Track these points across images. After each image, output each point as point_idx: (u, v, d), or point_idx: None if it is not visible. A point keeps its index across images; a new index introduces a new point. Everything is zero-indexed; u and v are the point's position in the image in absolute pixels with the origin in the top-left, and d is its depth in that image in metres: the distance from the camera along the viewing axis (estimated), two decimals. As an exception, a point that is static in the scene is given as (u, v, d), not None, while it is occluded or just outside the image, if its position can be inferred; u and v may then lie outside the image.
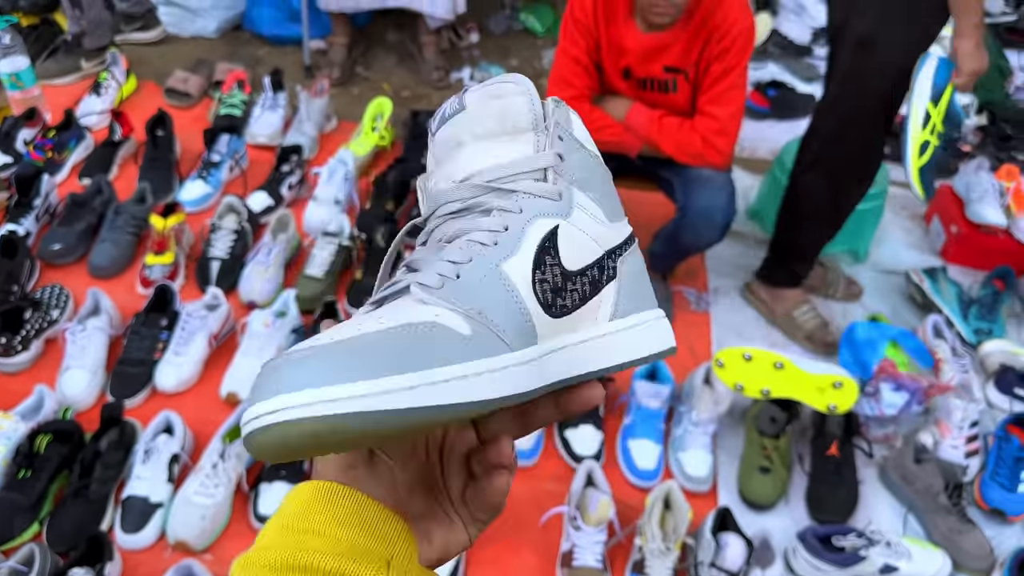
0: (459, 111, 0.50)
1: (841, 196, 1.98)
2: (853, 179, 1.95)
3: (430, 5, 2.86)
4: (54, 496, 1.62)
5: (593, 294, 0.50)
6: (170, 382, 1.81)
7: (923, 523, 1.72)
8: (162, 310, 1.91)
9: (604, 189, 0.53)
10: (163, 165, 2.37)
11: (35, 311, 1.89)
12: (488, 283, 0.46)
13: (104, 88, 2.67)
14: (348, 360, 0.38)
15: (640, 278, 0.53)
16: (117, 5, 2.98)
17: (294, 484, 1.59)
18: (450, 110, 0.51)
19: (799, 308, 2.14)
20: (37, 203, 2.18)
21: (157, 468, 1.61)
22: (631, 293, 0.52)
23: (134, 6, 3.05)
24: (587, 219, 0.50)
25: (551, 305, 0.47)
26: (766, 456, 1.77)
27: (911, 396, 1.84)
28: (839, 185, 1.95)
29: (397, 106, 2.77)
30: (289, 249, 2.13)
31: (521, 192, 0.48)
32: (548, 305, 0.47)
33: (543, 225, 0.48)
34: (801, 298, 2.16)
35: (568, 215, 0.49)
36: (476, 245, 0.47)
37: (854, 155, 1.90)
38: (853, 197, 1.98)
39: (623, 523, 1.65)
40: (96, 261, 2.08)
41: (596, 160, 0.53)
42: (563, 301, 0.48)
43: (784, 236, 2.11)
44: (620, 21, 1.86)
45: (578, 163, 0.51)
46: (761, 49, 3.34)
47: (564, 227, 0.49)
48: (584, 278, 0.49)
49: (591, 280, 0.50)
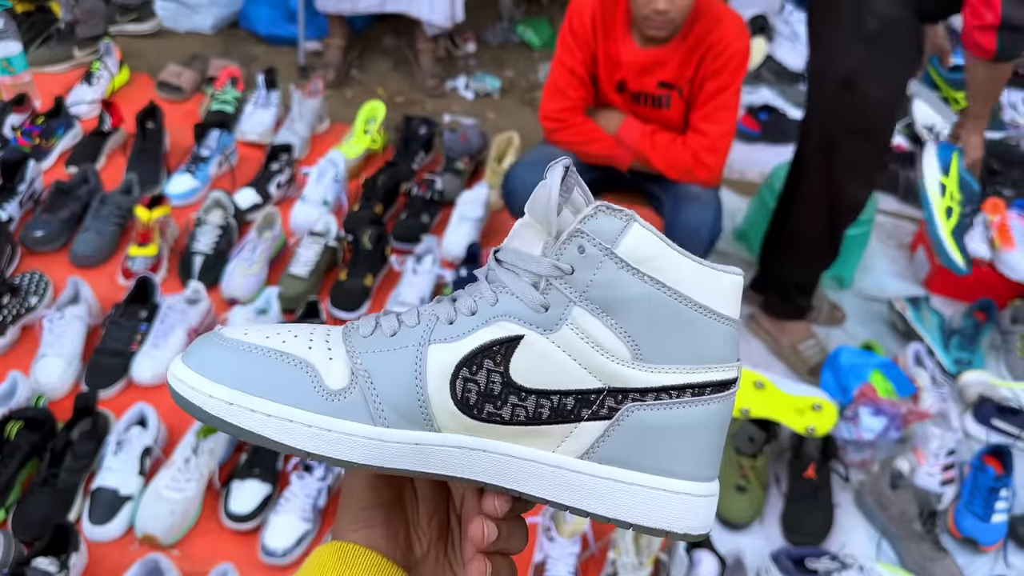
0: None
1: (837, 226, 1.98)
2: (846, 208, 1.96)
3: (429, 12, 2.87)
4: (22, 484, 1.59)
5: (553, 421, 0.45)
6: (146, 374, 1.79)
7: (896, 549, 1.72)
8: (142, 302, 1.89)
9: (651, 322, 0.45)
10: (151, 157, 2.35)
11: (13, 297, 1.87)
12: (402, 354, 0.46)
13: (96, 78, 2.65)
14: (230, 360, 0.46)
15: (679, 430, 0.46)
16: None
17: (266, 483, 1.59)
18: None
19: (805, 342, 2.14)
20: (22, 189, 2.15)
21: (128, 460, 1.59)
22: (637, 448, 0.45)
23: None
24: (580, 344, 0.45)
25: (471, 406, 0.45)
26: (743, 475, 1.77)
27: (889, 421, 1.84)
28: (833, 216, 1.95)
29: (390, 111, 2.77)
30: (274, 247, 2.12)
31: (507, 287, 0.46)
32: (467, 405, 0.45)
33: (505, 328, 0.45)
34: (806, 332, 2.16)
35: (549, 330, 0.45)
36: (432, 317, 0.47)
37: (847, 188, 1.91)
38: (847, 224, 1.99)
39: (597, 536, 1.64)
40: (78, 250, 2.06)
41: (656, 293, 0.45)
42: (495, 410, 0.45)
43: (782, 271, 2.12)
44: (617, 35, 1.87)
45: (609, 283, 0.44)
46: (755, 74, 3.37)
47: (532, 340, 0.45)
48: (543, 399, 0.45)
49: (553, 406, 0.45)
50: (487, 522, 0.46)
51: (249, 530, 1.58)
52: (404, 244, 2.22)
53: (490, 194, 2.37)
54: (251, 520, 1.57)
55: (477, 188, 2.36)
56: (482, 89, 3.12)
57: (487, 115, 3.01)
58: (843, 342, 2.19)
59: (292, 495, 1.58)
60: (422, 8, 2.87)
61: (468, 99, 3.10)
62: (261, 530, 1.57)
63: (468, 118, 2.97)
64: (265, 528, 1.56)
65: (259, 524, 1.58)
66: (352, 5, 2.88)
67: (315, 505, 1.58)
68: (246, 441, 0.46)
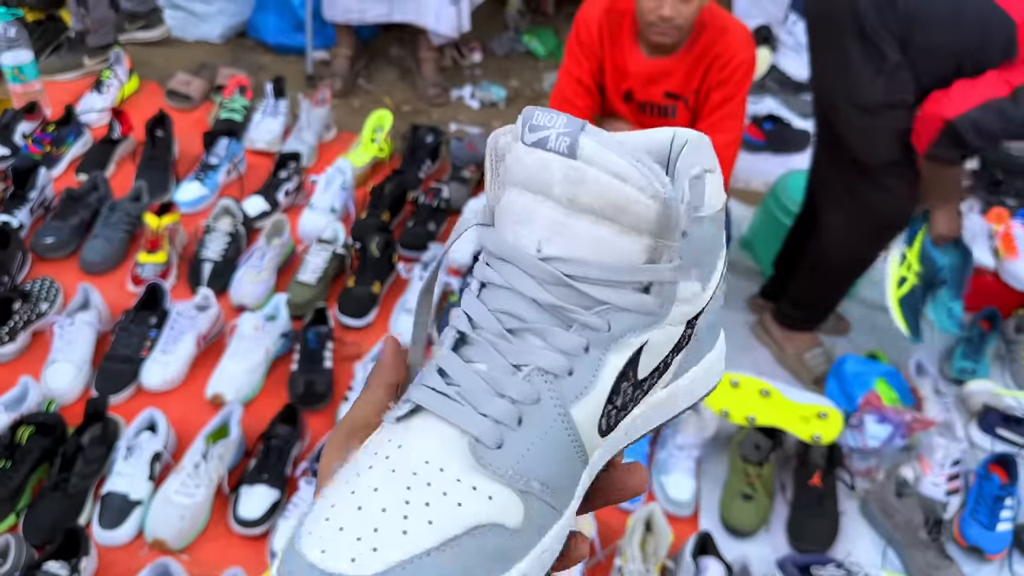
0: (566, 156, 0.38)
1: (870, 247, 1.96)
2: (884, 228, 1.92)
3: (435, 22, 2.89)
4: (33, 488, 1.60)
5: (655, 382, 0.43)
6: (156, 380, 1.80)
7: (902, 557, 1.73)
8: (152, 308, 1.91)
9: (712, 249, 0.43)
10: (160, 165, 2.37)
11: (24, 303, 1.88)
12: (551, 438, 0.39)
13: (106, 86, 2.68)
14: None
15: (713, 322, 0.45)
16: (122, 4, 2.99)
17: (275, 489, 1.60)
18: (556, 144, 0.38)
19: (811, 351, 2.14)
20: (32, 196, 2.17)
21: (138, 465, 1.60)
22: (696, 346, 0.44)
23: (139, 5, 3.07)
24: (681, 309, 0.42)
25: (611, 428, 0.42)
26: (749, 483, 1.77)
27: (894, 429, 1.85)
28: (867, 237, 1.93)
29: (397, 120, 2.79)
30: (282, 254, 2.13)
31: (613, 305, 0.39)
32: (607, 429, 0.41)
33: (629, 345, 0.40)
34: (813, 341, 2.16)
35: (662, 320, 0.41)
36: (545, 377, 0.39)
37: (881, 206, 1.86)
38: (882, 245, 1.96)
39: (604, 543, 1.64)
40: (88, 257, 2.08)
41: (716, 224, 0.43)
42: (627, 411, 0.42)
43: (806, 290, 2.08)
44: (624, 45, 1.89)
45: (699, 242, 0.41)
46: (759, 84, 3.39)
47: (655, 338, 0.41)
48: (655, 373, 0.43)
49: (660, 370, 0.43)
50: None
51: (258, 535, 1.59)
52: (411, 252, 2.23)
53: (496, 202, 2.38)
54: (260, 525, 1.58)
55: (483, 196, 2.37)
56: (488, 98, 3.14)
57: (493, 124, 3.03)
58: (848, 351, 2.19)
59: (301, 500, 1.59)
60: (428, 18, 2.89)
61: (474, 108, 3.11)
62: (270, 535, 1.58)
63: (474, 127, 2.99)
64: (274, 533, 1.57)
65: (268, 529, 1.59)
66: (360, 15, 2.90)
67: (323, 511, 1.59)
68: None
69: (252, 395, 1.84)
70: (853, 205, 1.88)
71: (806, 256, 2.06)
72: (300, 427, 1.72)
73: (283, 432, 1.69)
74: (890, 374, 2.04)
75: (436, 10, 2.87)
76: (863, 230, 1.92)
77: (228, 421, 1.72)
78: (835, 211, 1.93)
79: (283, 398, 1.83)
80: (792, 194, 2.35)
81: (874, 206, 1.86)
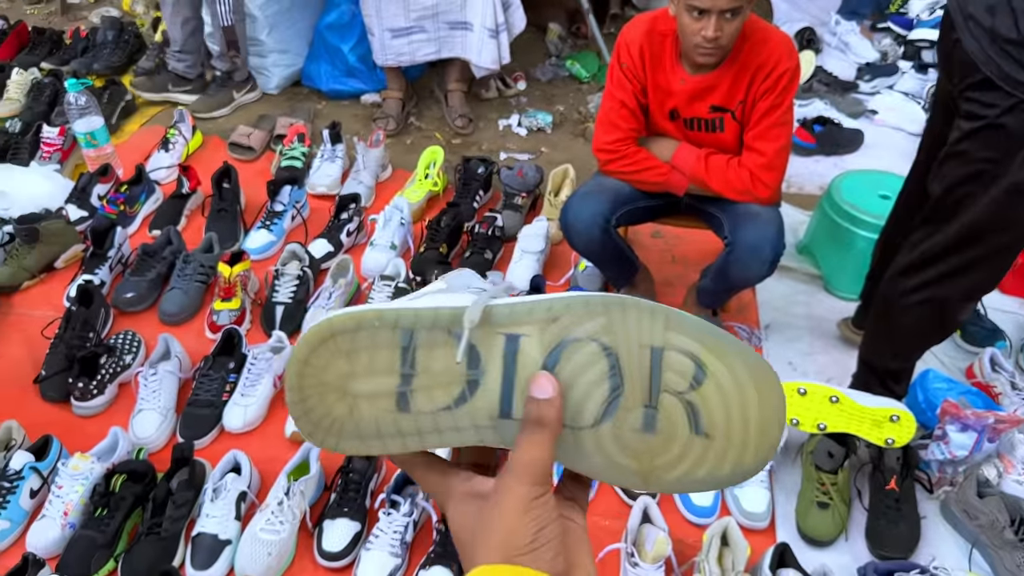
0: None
1: (957, 316, 1.80)
2: (970, 303, 1.80)
3: (477, 56, 2.96)
4: (128, 534, 1.68)
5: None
6: (237, 422, 1.88)
7: (988, 559, 1.69)
8: (229, 353, 1.99)
9: None
10: (229, 216, 2.48)
11: (110, 357, 1.99)
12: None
13: (172, 144, 2.81)
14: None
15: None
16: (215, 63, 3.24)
17: (355, 521, 1.65)
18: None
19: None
20: (111, 254, 2.29)
21: (225, 506, 1.67)
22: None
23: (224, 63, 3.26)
24: None
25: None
26: (824, 491, 1.76)
27: (980, 434, 1.79)
28: (956, 307, 1.78)
29: (448, 153, 2.86)
30: (348, 292, 2.21)
31: None
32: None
33: None
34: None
35: None
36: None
37: (979, 285, 1.74)
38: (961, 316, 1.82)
39: (680, 560, 1.65)
40: (166, 308, 2.18)
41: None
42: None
43: (880, 359, 1.92)
44: (666, 65, 1.91)
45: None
46: (806, 86, 3.37)
47: None
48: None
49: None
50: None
51: (342, 567, 1.64)
52: (471, 282, 2.28)
53: (550, 227, 2.42)
54: (344, 558, 1.63)
55: (537, 222, 2.42)
56: (534, 125, 3.19)
57: (541, 150, 3.08)
58: (930, 364, 2.10)
59: (380, 531, 1.64)
60: (471, 53, 2.97)
61: (522, 136, 3.17)
62: (354, 567, 1.63)
63: (523, 154, 3.04)
64: (357, 565, 1.62)
65: (352, 561, 1.64)
66: (411, 56, 3.00)
67: (403, 540, 1.63)
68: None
69: (328, 431, 1.90)
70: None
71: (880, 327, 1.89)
72: (376, 459, 1.77)
73: (359, 466, 1.74)
74: (971, 393, 1.96)
75: (478, 45, 2.94)
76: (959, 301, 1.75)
77: (308, 457, 1.78)
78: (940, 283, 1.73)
79: (357, 433, 1.88)
80: (847, 196, 2.34)
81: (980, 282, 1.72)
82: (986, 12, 1.46)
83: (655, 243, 2.56)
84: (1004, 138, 1.50)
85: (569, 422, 0.47)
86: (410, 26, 2.92)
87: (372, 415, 0.48)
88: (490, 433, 0.48)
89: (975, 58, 1.48)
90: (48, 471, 1.74)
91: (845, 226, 2.31)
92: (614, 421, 0.47)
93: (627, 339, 0.46)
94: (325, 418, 0.48)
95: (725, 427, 0.46)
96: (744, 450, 0.46)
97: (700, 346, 0.46)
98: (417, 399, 0.47)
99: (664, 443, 0.47)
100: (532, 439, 0.46)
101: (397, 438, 0.48)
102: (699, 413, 0.46)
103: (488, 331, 0.47)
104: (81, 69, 3.27)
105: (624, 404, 0.46)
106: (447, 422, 0.48)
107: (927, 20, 3.70)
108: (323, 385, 0.48)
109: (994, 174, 1.53)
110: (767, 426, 0.46)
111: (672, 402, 0.46)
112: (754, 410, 0.46)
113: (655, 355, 0.46)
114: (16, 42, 3.50)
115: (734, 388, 0.46)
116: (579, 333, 0.46)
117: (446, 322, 0.46)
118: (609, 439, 0.47)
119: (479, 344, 0.47)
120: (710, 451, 0.46)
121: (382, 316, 0.47)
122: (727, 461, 0.47)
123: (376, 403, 0.48)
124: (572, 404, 0.47)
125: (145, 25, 3.80)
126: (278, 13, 3.20)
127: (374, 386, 0.48)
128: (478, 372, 0.47)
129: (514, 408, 0.47)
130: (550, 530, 0.45)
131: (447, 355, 0.47)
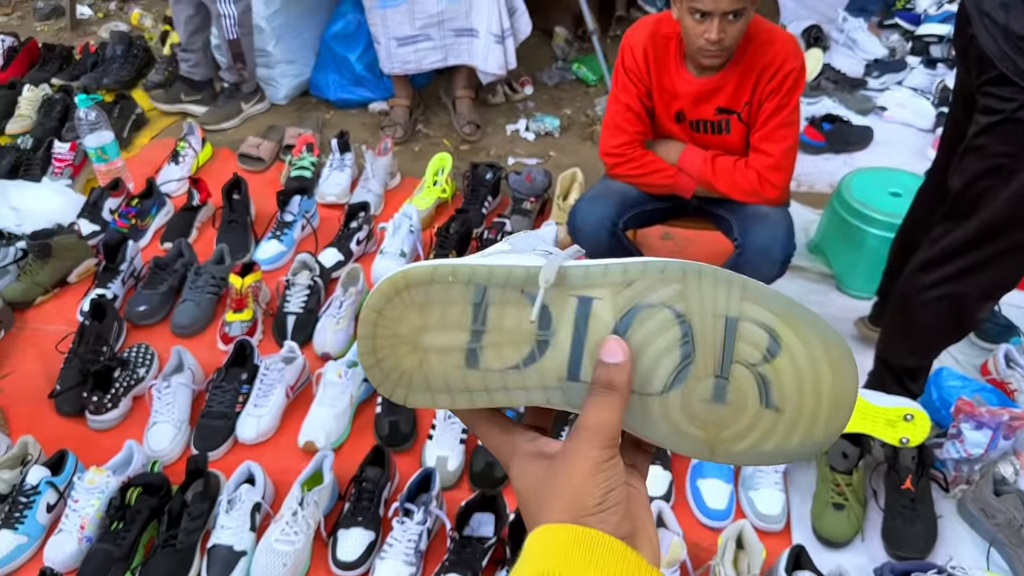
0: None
1: (976, 313, 1.77)
2: (989, 301, 1.78)
3: (483, 62, 2.97)
4: (144, 547, 1.69)
5: None
6: (251, 433, 1.89)
7: (1007, 558, 1.68)
8: (242, 365, 2.00)
9: None
10: (239, 227, 2.49)
11: (123, 370, 2.00)
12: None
13: (182, 156, 2.83)
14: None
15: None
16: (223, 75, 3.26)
17: (369, 531, 1.65)
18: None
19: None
20: (123, 268, 2.31)
21: (240, 517, 1.68)
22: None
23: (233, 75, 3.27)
24: None
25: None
26: (839, 492, 1.75)
27: (995, 432, 1.78)
28: (974, 305, 1.75)
29: (457, 160, 2.86)
30: (359, 301, 2.21)
31: None
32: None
33: None
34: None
35: None
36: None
37: (998, 282, 1.72)
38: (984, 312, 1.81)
39: (695, 564, 1.64)
40: (179, 320, 2.19)
41: None
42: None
43: (897, 357, 1.90)
44: (671, 67, 1.91)
45: None
46: (814, 84, 3.35)
47: None
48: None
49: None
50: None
51: (357, 576, 1.65)
52: (481, 288, 2.28)
53: (559, 231, 2.42)
54: (358, 567, 1.64)
55: (546, 227, 2.42)
56: (542, 129, 3.20)
57: (549, 154, 3.08)
58: (944, 362, 2.08)
59: (395, 540, 1.64)
60: (477, 59, 2.97)
61: (530, 140, 3.17)
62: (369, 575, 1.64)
63: (531, 159, 3.04)
64: (372, 574, 1.62)
65: (367, 570, 1.65)
66: (418, 64, 3.01)
67: (417, 548, 1.63)
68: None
69: (340, 440, 1.91)
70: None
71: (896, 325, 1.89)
72: (389, 468, 1.78)
73: (373, 475, 1.75)
74: (985, 390, 1.95)
75: (484, 51, 2.95)
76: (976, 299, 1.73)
77: (321, 467, 1.78)
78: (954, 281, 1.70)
79: (370, 441, 1.89)
80: (858, 194, 2.32)
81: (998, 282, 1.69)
82: (1000, 9, 1.45)
83: (665, 245, 2.56)
84: (1022, 133, 1.49)
85: (637, 388, 0.47)
86: (416, 34, 2.93)
87: (441, 369, 0.48)
88: (558, 395, 0.48)
89: (990, 54, 1.47)
90: (64, 485, 1.75)
91: (856, 224, 2.30)
92: (683, 390, 0.46)
93: (701, 307, 0.45)
94: (395, 370, 0.49)
95: (797, 401, 0.46)
96: (814, 423, 0.46)
97: (776, 318, 0.45)
98: (487, 356, 0.48)
99: (733, 414, 0.46)
100: (601, 403, 0.46)
101: (464, 394, 0.48)
102: (771, 386, 0.46)
103: (561, 292, 0.47)
104: (91, 84, 3.30)
105: (694, 373, 0.46)
106: (515, 381, 0.48)
107: (935, 15, 3.68)
108: (395, 337, 0.48)
109: (1012, 168, 1.52)
110: (839, 401, 0.46)
111: (743, 374, 0.46)
112: (827, 385, 0.45)
113: (729, 325, 0.45)
114: (27, 59, 3.53)
115: (808, 363, 0.45)
116: (653, 299, 0.46)
117: (519, 281, 0.47)
118: (677, 407, 0.47)
119: (551, 305, 0.47)
120: (779, 424, 0.46)
121: (456, 271, 0.47)
122: (796, 434, 0.46)
123: (446, 358, 0.48)
124: (641, 370, 0.46)
125: (154, 39, 3.83)
126: (285, 24, 3.22)
127: (445, 340, 0.48)
128: (548, 333, 0.47)
129: (583, 371, 0.47)
130: (617, 493, 0.45)
131: (519, 314, 0.47)
